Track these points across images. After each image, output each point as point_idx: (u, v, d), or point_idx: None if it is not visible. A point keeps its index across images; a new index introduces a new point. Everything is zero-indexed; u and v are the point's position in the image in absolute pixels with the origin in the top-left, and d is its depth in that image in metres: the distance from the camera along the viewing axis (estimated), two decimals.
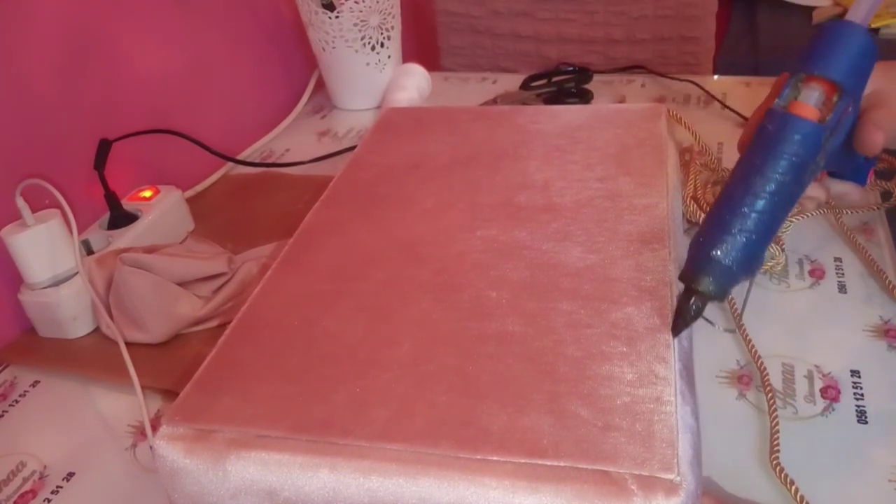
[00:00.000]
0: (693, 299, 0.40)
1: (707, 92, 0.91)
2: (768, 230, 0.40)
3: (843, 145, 0.45)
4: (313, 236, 0.54)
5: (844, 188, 0.55)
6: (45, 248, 0.58)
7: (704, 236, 0.41)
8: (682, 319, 0.41)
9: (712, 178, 0.69)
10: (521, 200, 0.55)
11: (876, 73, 0.43)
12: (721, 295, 0.40)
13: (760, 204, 0.39)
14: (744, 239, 0.39)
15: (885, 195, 0.66)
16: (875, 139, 0.43)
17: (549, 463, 0.34)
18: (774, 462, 0.43)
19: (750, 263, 0.40)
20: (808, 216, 0.63)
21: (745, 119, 0.83)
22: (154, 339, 0.58)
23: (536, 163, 0.60)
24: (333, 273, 0.49)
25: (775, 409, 0.46)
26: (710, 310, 0.56)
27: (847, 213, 0.64)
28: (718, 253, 0.39)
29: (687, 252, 0.42)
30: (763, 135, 0.41)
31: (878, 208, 0.64)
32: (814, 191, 0.53)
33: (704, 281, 0.40)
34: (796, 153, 0.39)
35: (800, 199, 0.49)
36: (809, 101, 0.40)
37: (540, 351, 0.41)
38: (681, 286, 0.42)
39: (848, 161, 0.49)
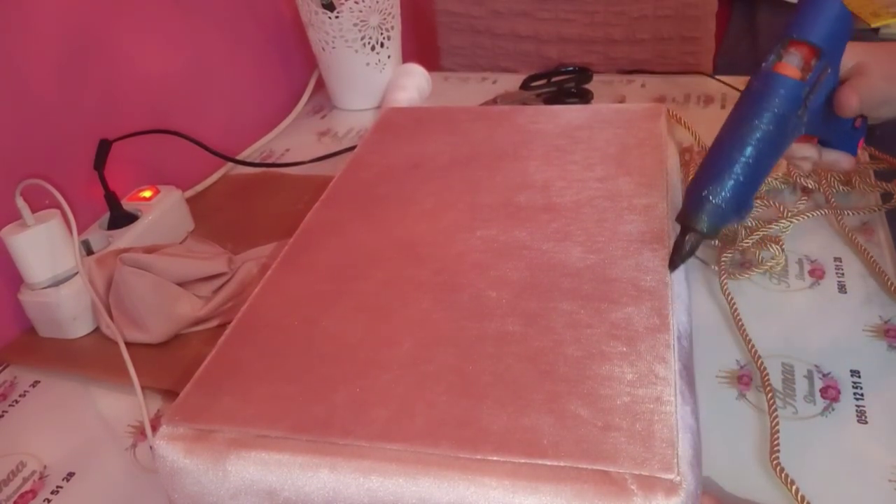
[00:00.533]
0: (688, 236, 0.45)
1: (718, 79, 0.92)
2: (754, 175, 0.45)
3: (826, 109, 0.49)
4: (313, 236, 0.54)
5: (836, 156, 0.57)
6: (45, 248, 0.58)
7: (697, 180, 0.45)
8: (678, 255, 0.46)
9: None
10: (521, 200, 0.55)
11: (860, 50, 0.49)
12: (713, 232, 0.45)
13: (748, 150, 0.44)
14: (732, 181, 0.44)
15: (886, 197, 0.66)
16: (850, 101, 0.48)
17: (549, 463, 0.34)
18: (775, 462, 0.43)
19: (738, 204, 0.45)
20: (808, 217, 0.63)
21: None
22: (154, 339, 0.58)
23: (536, 163, 0.60)
24: (333, 273, 0.49)
25: (775, 409, 0.46)
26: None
27: (849, 214, 0.64)
28: (709, 193, 0.44)
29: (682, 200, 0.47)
30: (751, 91, 0.46)
31: (878, 210, 0.64)
32: (806, 151, 0.56)
33: (697, 219, 0.45)
34: (779, 105, 0.44)
35: (794, 160, 0.55)
36: (791, 63, 0.46)
37: (540, 351, 0.41)
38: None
39: (833, 126, 0.53)
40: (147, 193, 0.71)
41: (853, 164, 0.57)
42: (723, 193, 0.44)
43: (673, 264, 0.46)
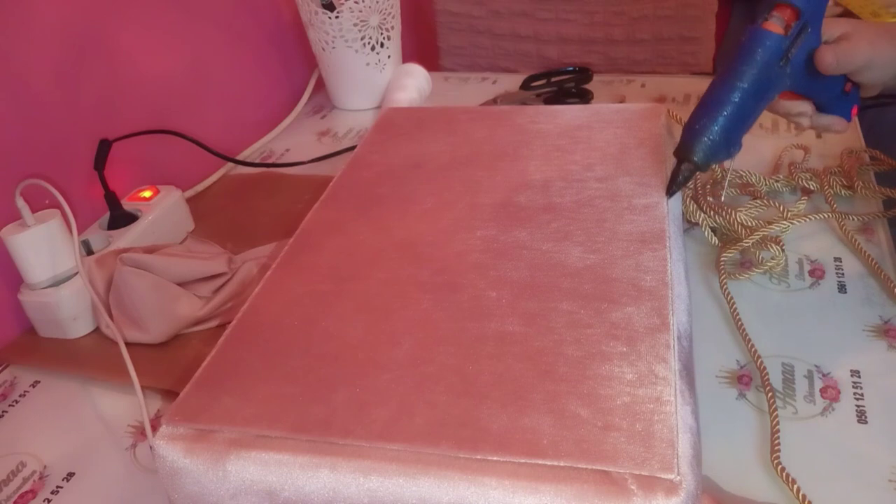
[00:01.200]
0: (683, 166, 0.52)
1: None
2: (741, 116, 0.51)
3: (810, 68, 0.55)
4: (313, 236, 0.54)
5: (830, 120, 0.61)
6: (45, 248, 0.58)
7: (692, 118, 0.52)
8: (674, 184, 0.52)
9: (712, 177, 0.69)
10: (521, 200, 0.55)
11: (847, 23, 0.56)
12: (705, 163, 0.51)
13: (735, 94, 0.51)
14: (722, 119, 0.51)
15: (889, 203, 0.66)
16: (826, 57, 0.54)
17: (549, 463, 0.34)
18: (776, 461, 0.43)
19: (727, 141, 0.51)
20: (809, 219, 0.63)
21: None
22: (154, 339, 0.58)
23: (536, 163, 0.60)
24: (333, 273, 0.49)
25: (776, 409, 0.46)
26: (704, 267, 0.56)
27: (851, 218, 0.64)
28: (701, 128, 0.51)
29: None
30: (740, 45, 0.52)
31: (881, 216, 0.64)
32: (801, 107, 0.60)
33: (692, 151, 0.51)
34: (762, 55, 0.51)
35: (791, 116, 0.61)
36: (776, 23, 0.52)
37: (540, 351, 0.41)
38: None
39: (821, 87, 0.58)
40: (147, 193, 0.71)
41: (846, 128, 0.62)
42: (714, 128, 0.51)
43: (669, 192, 0.53)
